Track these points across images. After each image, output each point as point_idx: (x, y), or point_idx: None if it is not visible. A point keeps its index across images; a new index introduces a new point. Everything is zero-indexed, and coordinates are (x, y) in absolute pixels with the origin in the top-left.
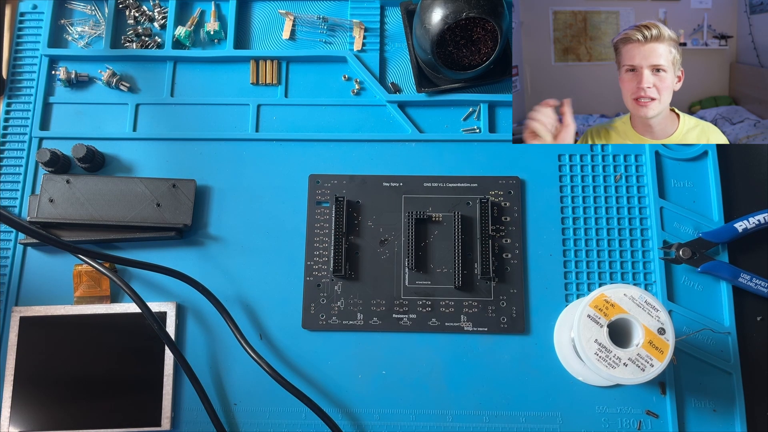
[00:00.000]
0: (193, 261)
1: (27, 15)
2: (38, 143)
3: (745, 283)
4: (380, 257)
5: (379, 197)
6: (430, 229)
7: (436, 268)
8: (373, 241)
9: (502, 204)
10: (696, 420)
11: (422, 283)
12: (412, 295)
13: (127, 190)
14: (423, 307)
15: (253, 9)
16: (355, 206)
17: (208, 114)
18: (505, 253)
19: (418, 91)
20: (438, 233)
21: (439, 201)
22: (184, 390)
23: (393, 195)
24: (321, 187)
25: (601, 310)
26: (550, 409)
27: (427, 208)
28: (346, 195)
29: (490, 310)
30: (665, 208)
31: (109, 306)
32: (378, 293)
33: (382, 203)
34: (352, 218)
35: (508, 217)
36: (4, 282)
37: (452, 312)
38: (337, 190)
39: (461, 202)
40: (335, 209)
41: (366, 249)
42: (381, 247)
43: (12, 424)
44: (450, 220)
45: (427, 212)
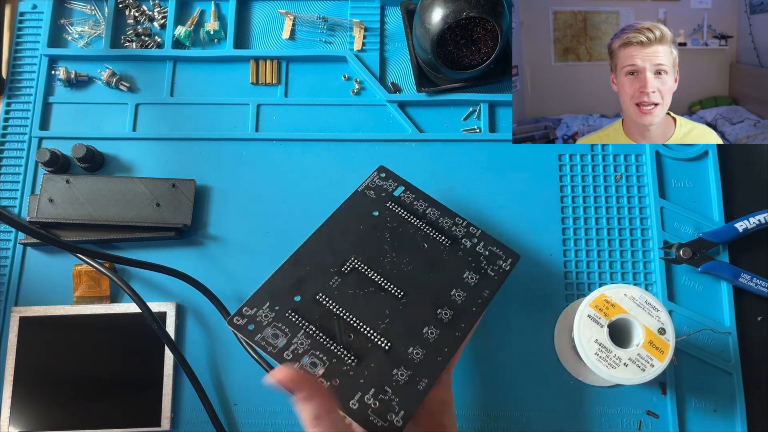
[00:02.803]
0: (193, 261)
1: (27, 15)
2: (38, 143)
3: (746, 283)
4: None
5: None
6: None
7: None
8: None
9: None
10: (696, 420)
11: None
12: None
13: (126, 190)
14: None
15: (253, 9)
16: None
17: (208, 114)
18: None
19: (418, 90)
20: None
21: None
22: (184, 390)
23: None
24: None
25: (601, 310)
26: (550, 409)
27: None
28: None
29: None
30: (666, 208)
31: (108, 306)
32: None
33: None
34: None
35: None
36: (4, 282)
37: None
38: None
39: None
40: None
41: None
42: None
43: (12, 424)
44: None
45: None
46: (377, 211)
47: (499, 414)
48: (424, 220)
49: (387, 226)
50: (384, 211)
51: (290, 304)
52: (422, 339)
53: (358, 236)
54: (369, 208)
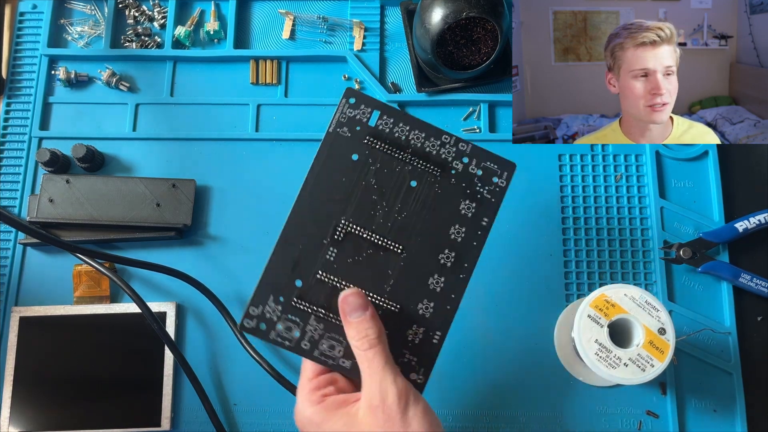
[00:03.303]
0: (193, 261)
1: (27, 15)
2: (38, 143)
3: (746, 283)
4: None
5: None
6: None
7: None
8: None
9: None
10: (696, 420)
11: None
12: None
13: (127, 190)
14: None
15: (253, 9)
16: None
17: (208, 114)
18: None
19: (418, 90)
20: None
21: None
22: (184, 390)
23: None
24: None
25: (601, 310)
26: (550, 409)
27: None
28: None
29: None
30: (666, 208)
31: (108, 306)
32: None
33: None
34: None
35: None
36: (4, 282)
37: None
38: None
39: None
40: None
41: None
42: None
43: (12, 424)
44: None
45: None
46: (356, 154)
47: (499, 414)
48: (408, 150)
49: (370, 170)
50: (363, 151)
51: (294, 291)
52: (429, 291)
53: (342, 192)
54: (346, 151)
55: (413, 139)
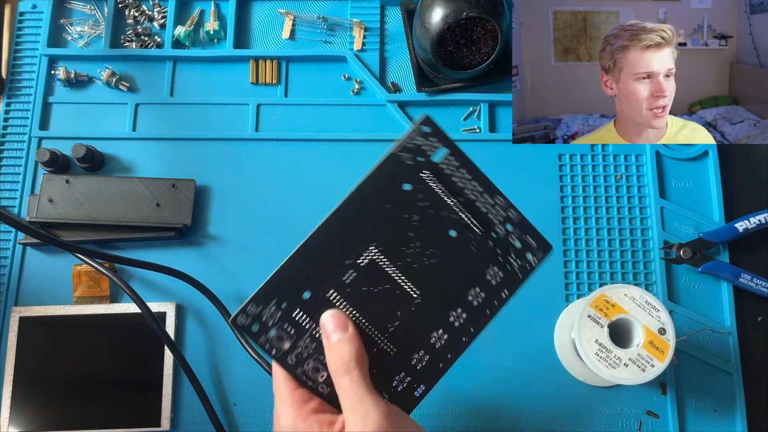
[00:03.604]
0: (192, 261)
1: (26, 15)
2: (38, 143)
3: (746, 283)
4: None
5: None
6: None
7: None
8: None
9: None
10: (696, 420)
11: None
12: None
13: (126, 190)
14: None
15: (253, 8)
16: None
17: (208, 114)
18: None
19: (418, 90)
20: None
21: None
22: (184, 390)
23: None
24: None
25: (601, 310)
26: (550, 409)
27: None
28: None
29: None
30: (666, 208)
31: (108, 306)
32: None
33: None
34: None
35: None
36: (3, 282)
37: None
38: None
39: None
40: None
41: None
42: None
43: (12, 424)
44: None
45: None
46: (409, 184)
47: (499, 414)
48: (460, 198)
49: (417, 206)
50: (417, 185)
51: (298, 302)
52: (429, 344)
53: (382, 218)
54: (400, 179)
55: (469, 190)
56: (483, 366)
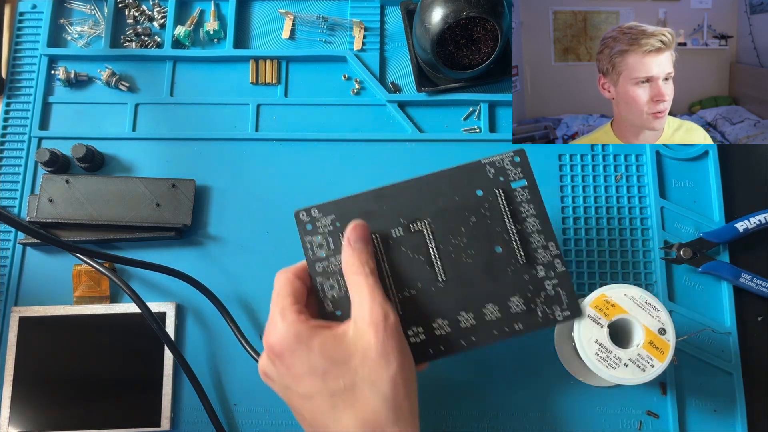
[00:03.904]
0: (192, 261)
1: (26, 15)
2: (38, 143)
3: (746, 283)
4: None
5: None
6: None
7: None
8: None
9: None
10: (696, 420)
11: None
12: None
13: (126, 190)
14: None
15: (253, 8)
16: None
17: (208, 114)
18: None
19: (418, 90)
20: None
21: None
22: (184, 390)
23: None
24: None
25: (601, 310)
26: (550, 409)
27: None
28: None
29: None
30: (666, 208)
31: (108, 306)
32: None
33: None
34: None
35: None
36: (3, 282)
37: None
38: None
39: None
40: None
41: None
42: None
43: (12, 424)
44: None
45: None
46: (482, 191)
47: (498, 414)
48: (518, 226)
49: (479, 211)
50: (488, 195)
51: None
52: (430, 327)
53: (446, 204)
54: (478, 184)
55: (529, 223)
56: (483, 366)
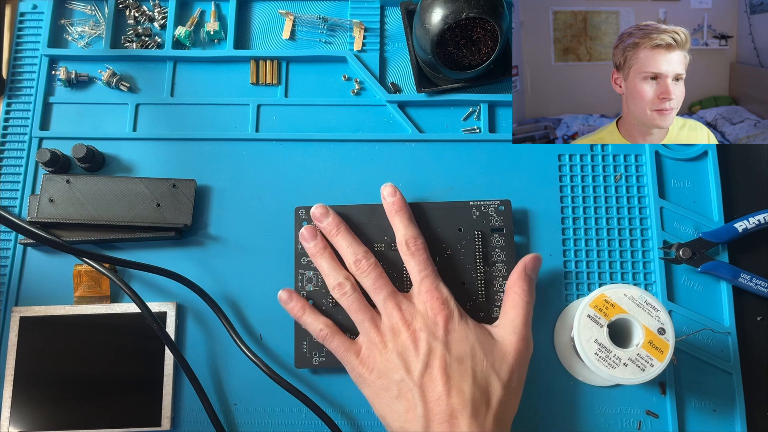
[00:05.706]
0: (192, 261)
1: (27, 15)
2: (38, 143)
3: (745, 283)
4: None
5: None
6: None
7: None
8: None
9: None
10: (696, 420)
11: None
12: None
13: (127, 190)
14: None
15: (253, 9)
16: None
17: (208, 114)
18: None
19: (418, 91)
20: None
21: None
22: (184, 390)
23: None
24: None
25: (601, 310)
26: (549, 409)
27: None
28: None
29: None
30: (665, 208)
31: (109, 306)
32: None
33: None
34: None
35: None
36: (4, 282)
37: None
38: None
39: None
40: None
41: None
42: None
43: (12, 424)
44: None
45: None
46: (462, 228)
47: None
48: (487, 267)
49: (456, 246)
50: (467, 235)
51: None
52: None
53: (428, 233)
54: (460, 222)
55: (497, 267)
56: None
